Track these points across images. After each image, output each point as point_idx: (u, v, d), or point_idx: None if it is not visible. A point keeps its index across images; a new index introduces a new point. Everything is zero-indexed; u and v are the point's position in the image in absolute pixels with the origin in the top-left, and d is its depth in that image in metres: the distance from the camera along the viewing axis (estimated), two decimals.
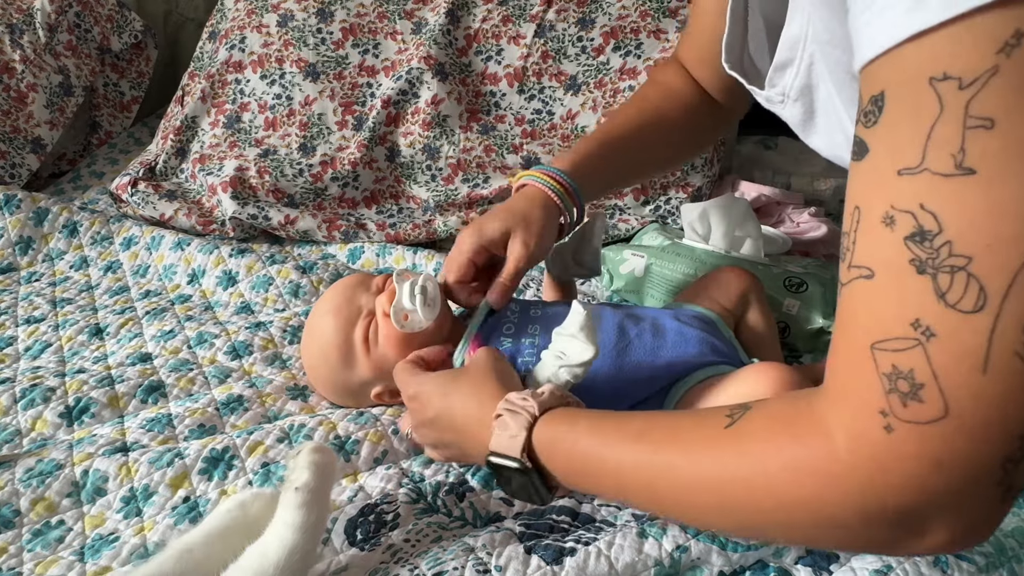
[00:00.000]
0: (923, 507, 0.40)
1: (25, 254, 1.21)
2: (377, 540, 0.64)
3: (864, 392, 0.40)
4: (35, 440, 0.77)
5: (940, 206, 0.36)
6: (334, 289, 0.84)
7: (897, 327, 0.38)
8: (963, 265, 0.36)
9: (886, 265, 0.39)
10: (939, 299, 0.37)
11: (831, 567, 0.62)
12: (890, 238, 0.38)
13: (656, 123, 0.88)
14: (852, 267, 0.41)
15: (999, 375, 0.36)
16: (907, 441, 0.39)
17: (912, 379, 0.38)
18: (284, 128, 1.36)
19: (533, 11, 1.36)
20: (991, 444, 0.38)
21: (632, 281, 1.03)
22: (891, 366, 0.39)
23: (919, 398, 0.38)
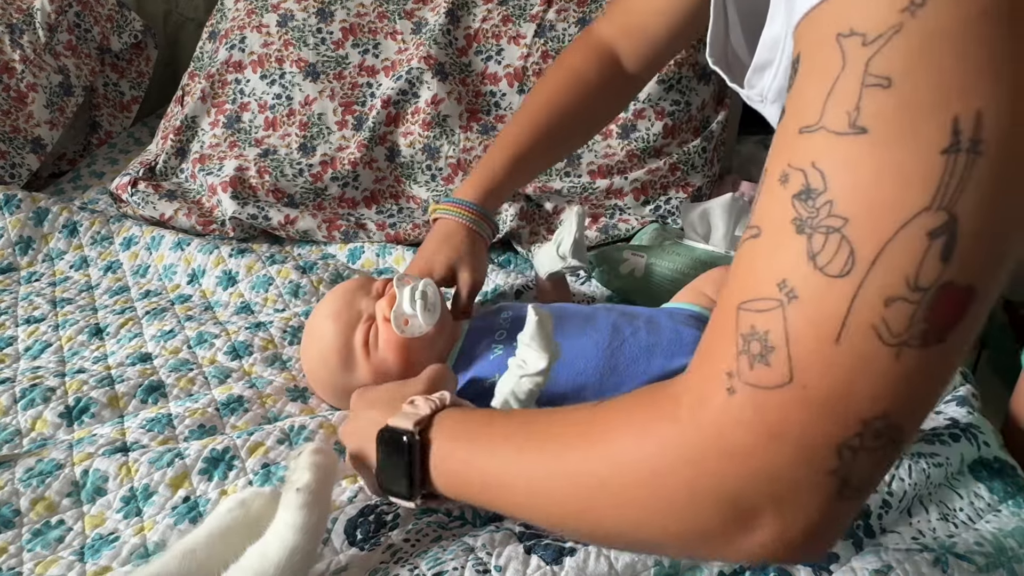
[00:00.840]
0: (752, 484, 0.38)
1: (25, 254, 1.21)
2: (377, 540, 0.64)
3: (719, 353, 0.38)
4: (35, 440, 0.77)
5: (829, 164, 0.35)
6: (334, 293, 0.84)
7: (764, 287, 0.37)
8: (839, 227, 0.34)
9: (771, 223, 0.37)
10: (809, 260, 0.35)
11: (831, 567, 0.62)
12: (781, 196, 0.37)
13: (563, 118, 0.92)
14: (748, 227, 0.39)
15: (851, 347, 0.34)
16: (745, 405, 0.37)
17: (765, 341, 0.36)
18: (284, 128, 1.36)
19: (533, 11, 1.36)
20: (830, 421, 0.35)
21: (632, 281, 1.03)
22: (750, 326, 0.37)
23: (767, 362, 0.36)
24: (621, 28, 0.91)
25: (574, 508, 0.45)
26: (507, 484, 0.50)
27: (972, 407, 0.82)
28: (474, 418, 0.57)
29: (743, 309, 0.37)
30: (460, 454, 0.54)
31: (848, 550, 0.64)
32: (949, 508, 0.70)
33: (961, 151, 0.32)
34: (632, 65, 0.92)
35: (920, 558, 0.61)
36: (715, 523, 0.39)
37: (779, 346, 0.36)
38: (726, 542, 0.40)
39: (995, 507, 0.71)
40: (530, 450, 0.48)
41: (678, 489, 0.39)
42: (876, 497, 0.66)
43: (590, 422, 0.45)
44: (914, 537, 0.66)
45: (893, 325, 0.34)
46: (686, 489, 0.39)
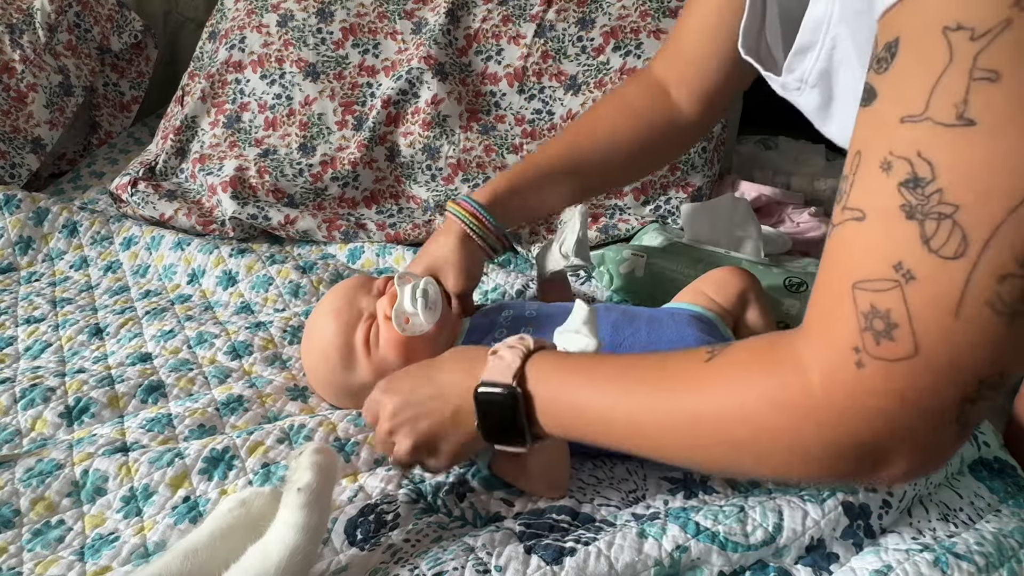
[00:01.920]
0: (887, 440, 0.42)
1: (25, 254, 1.21)
2: (377, 540, 0.64)
3: (841, 329, 0.42)
4: (35, 440, 0.77)
5: (937, 155, 0.37)
6: (335, 291, 0.84)
7: (880, 268, 0.40)
8: (950, 213, 0.37)
9: (878, 209, 0.40)
10: (923, 244, 0.38)
11: (831, 567, 0.62)
12: (885, 183, 0.39)
13: (607, 148, 0.88)
14: (846, 209, 0.42)
15: (969, 321, 0.38)
16: (876, 377, 0.41)
17: (888, 319, 0.40)
18: (284, 128, 1.36)
19: (533, 11, 1.36)
20: (954, 384, 0.40)
21: (632, 281, 1.03)
22: (869, 305, 0.40)
23: (892, 337, 0.40)
24: (673, 62, 0.88)
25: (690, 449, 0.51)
26: (617, 422, 0.54)
27: None
28: (571, 361, 0.60)
29: (859, 289, 0.41)
30: (565, 397, 0.57)
31: (848, 550, 0.64)
32: (949, 508, 0.70)
33: None
34: (688, 105, 0.88)
35: (920, 558, 0.61)
36: (849, 469, 0.44)
37: (902, 323, 0.39)
38: (856, 478, 0.46)
39: (995, 507, 0.71)
40: (640, 392, 0.53)
41: (814, 444, 0.44)
42: (876, 497, 0.66)
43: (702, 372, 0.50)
44: (914, 537, 0.66)
45: (1006, 298, 0.37)
46: (821, 445, 0.44)
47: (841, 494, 0.66)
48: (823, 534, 0.63)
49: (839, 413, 0.43)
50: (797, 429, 0.44)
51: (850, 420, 0.42)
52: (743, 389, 0.47)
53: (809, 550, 0.63)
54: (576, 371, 0.58)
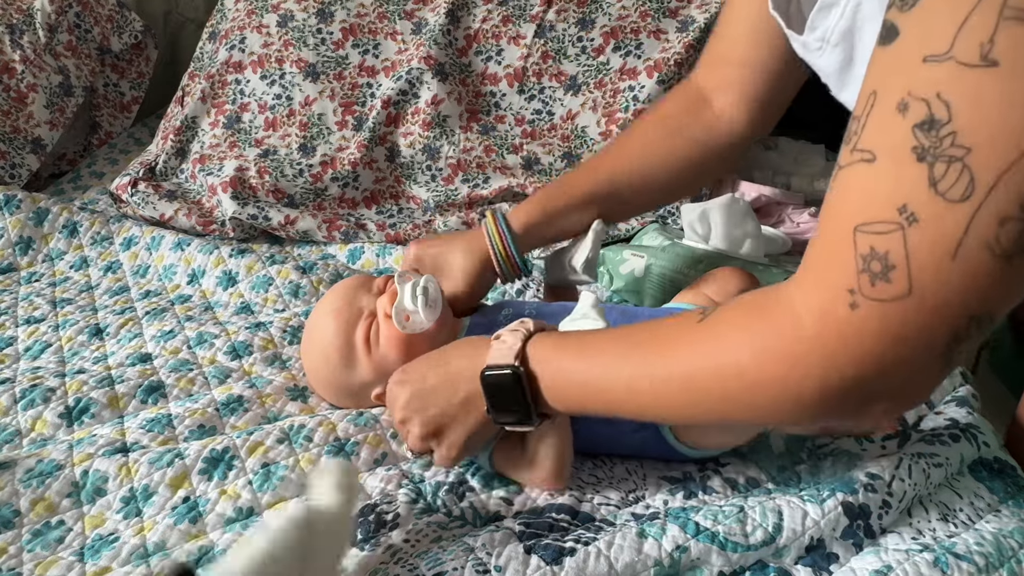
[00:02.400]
0: (875, 379, 0.43)
1: (25, 254, 1.21)
2: (377, 540, 0.64)
3: (838, 272, 0.42)
4: (35, 440, 0.77)
5: (956, 96, 0.37)
6: (335, 290, 0.84)
7: (884, 211, 0.40)
8: (961, 156, 0.37)
9: (889, 150, 0.40)
10: (930, 187, 0.38)
11: (831, 567, 0.62)
12: (900, 124, 0.39)
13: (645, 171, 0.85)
14: (855, 150, 0.42)
15: (966, 263, 0.39)
16: (870, 318, 0.41)
17: (886, 260, 0.40)
18: (284, 128, 1.36)
19: (533, 11, 1.36)
20: (945, 322, 0.41)
21: (632, 281, 1.03)
22: (869, 248, 0.41)
23: (888, 278, 0.40)
24: (716, 67, 0.85)
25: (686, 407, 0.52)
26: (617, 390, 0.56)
27: (972, 407, 0.82)
28: (569, 338, 0.62)
29: (861, 231, 0.41)
30: (566, 372, 0.59)
31: (848, 551, 0.64)
32: (949, 508, 0.70)
33: None
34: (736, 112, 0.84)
35: (920, 558, 0.61)
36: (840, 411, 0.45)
37: (899, 264, 0.40)
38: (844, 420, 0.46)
39: (995, 507, 0.71)
40: (636, 358, 0.54)
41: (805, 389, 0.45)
42: (876, 497, 0.66)
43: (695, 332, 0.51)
44: (914, 537, 0.66)
45: (1004, 240, 0.38)
46: (811, 389, 0.45)
47: (841, 494, 0.66)
48: (823, 534, 0.63)
49: (831, 355, 0.43)
50: (788, 376, 0.45)
51: (841, 362, 0.43)
52: (734, 344, 0.48)
53: (809, 550, 0.63)
54: (574, 347, 0.60)
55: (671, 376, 0.52)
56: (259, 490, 0.69)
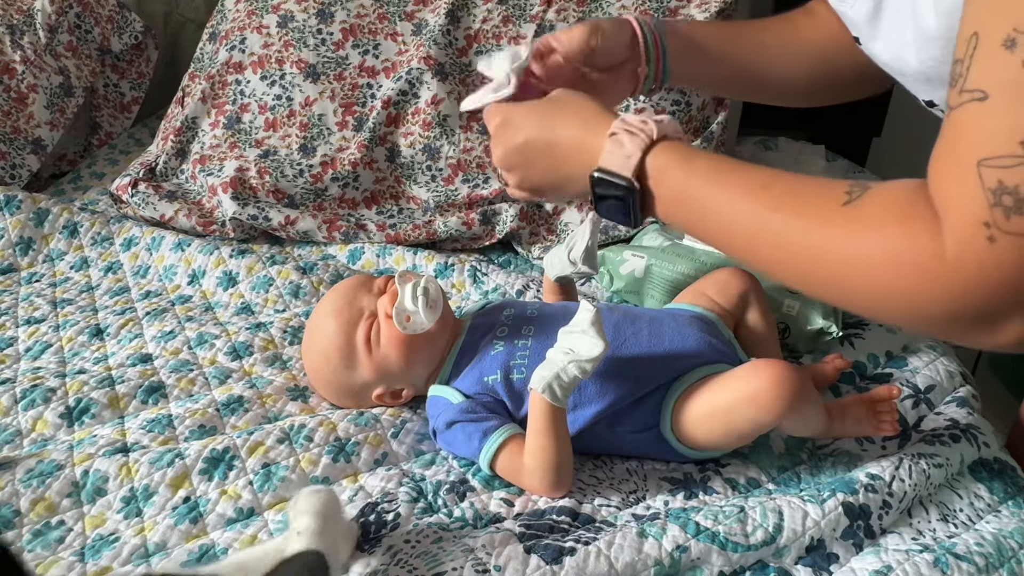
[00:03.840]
0: (1007, 310, 0.44)
1: (25, 255, 1.21)
2: (377, 540, 0.64)
3: (970, 205, 0.43)
4: (36, 441, 0.77)
5: None
6: (335, 291, 0.84)
7: (1007, 145, 0.40)
8: None
9: (1001, 86, 0.41)
10: None
11: (831, 567, 0.62)
12: (1009, 60, 0.40)
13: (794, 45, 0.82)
14: (964, 91, 0.42)
15: None
16: (1008, 250, 0.42)
17: (1017, 194, 0.41)
18: (284, 129, 1.36)
19: (533, 11, 1.36)
20: None
21: (632, 282, 1.03)
22: (997, 181, 0.41)
23: (1021, 212, 0.41)
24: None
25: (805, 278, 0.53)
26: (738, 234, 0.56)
27: (972, 408, 0.82)
28: (698, 163, 0.58)
29: (985, 166, 0.42)
30: (688, 200, 0.58)
31: (848, 551, 0.64)
32: (949, 509, 0.70)
33: None
34: None
35: (920, 559, 0.61)
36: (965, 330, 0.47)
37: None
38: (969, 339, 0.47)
39: (995, 508, 0.71)
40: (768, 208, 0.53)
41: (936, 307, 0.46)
42: (876, 497, 0.66)
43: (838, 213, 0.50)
44: (914, 538, 0.66)
45: None
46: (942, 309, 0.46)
47: (841, 494, 0.66)
48: (823, 534, 0.64)
49: (967, 283, 0.44)
50: (920, 290, 0.46)
51: (976, 291, 0.44)
52: (873, 243, 0.48)
53: (809, 550, 0.63)
54: (703, 169, 0.58)
55: (801, 246, 0.52)
56: (260, 490, 0.69)
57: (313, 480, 0.71)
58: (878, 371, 0.91)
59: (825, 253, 0.50)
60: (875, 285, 0.48)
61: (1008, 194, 0.41)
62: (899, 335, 0.95)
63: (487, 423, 0.72)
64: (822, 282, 0.52)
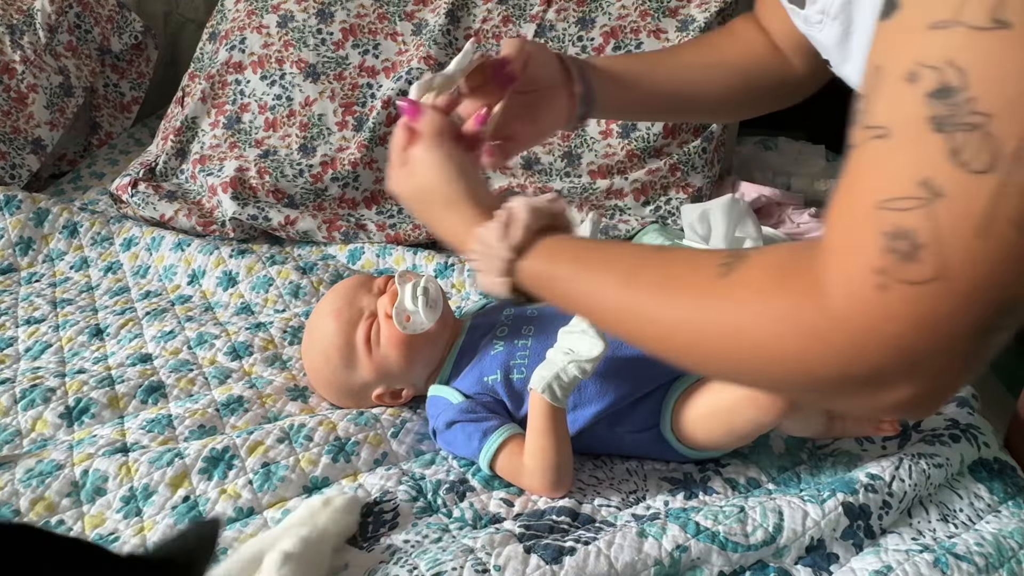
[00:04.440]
0: (900, 366, 0.40)
1: (25, 255, 1.21)
2: (376, 540, 0.64)
3: (862, 251, 0.40)
4: (35, 440, 0.77)
5: (969, 61, 0.35)
6: (335, 291, 0.84)
7: (906, 186, 0.37)
8: (981, 124, 0.35)
9: (904, 123, 0.38)
10: (952, 158, 0.36)
11: (831, 567, 0.62)
12: (911, 95, 0.37)
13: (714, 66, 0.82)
14: (867, 128, 0.40)
15: (995, 239, 0.36)
16: (898, 301, 0.39)
17: (913, 239, 0.37)
18: (284, 129, 1.36)
19: (533, 11, 1.36)
20: (975, 309, 0.38)
21: None
22: (893, 226, 0.38)
23: (916, 259, 0.37)
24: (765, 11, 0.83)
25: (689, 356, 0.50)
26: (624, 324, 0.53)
27: (972, 408, 0.82)
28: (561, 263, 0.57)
29: (883, 208, 0.38)
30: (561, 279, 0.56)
31: (848, 551, 0.64)
32: (949, 509, 0.70)
33: None
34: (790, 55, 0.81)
35: (920, 559, 0.61)
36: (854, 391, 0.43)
37: (928, 243, 0.37)
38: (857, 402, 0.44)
39: (995, 508, 0.71)
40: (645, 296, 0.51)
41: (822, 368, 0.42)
42: (876, 497, 0.66)
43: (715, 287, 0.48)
44: (914, 538, 0.66)
45: None
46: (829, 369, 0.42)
47: (841, 494, 0.66)
48: (823, 534, 0.63)
49: (855, 338, 0.41)
50: (806, 352, 0.43)
51: (865, 346, 0.41)
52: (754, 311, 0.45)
53: (809, 550, 0.63)
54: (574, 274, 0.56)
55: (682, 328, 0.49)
56: (259, 490, 0.69)
57: (313, 480, 0.71)
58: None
59: (706, 330, 0.48)
60: (762, 353, 0.45)
61: (903, 239, 0.37)
62: None
63: (487, 423, 0.72)
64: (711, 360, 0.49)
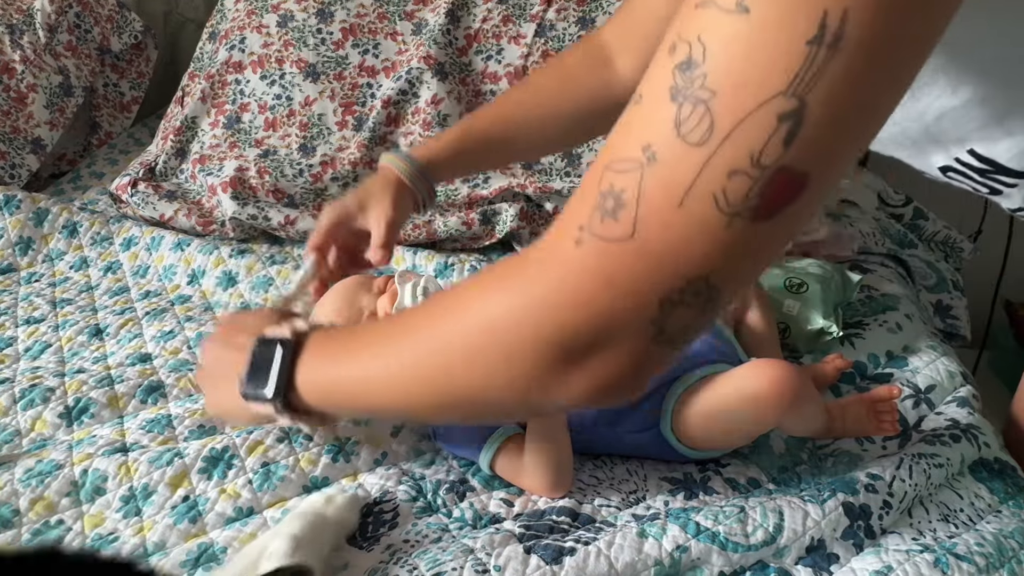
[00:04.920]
0: (587, 329, 0.41)
1: (25, 255, 1.20)
2: (376, 539, 0.64)
3: (576, 210, 0.41)
4: (35, 440, 0.77)
5: (712, 39, 0.37)
6: (336, 290, 0.84)
7: (631, 149, 0.39)
8: (706, 99, 0.36)
9: (651, 90, 0.39)
10: (675, 127, 0.37)
11: (831, 567, 0.62)
12: (666, 65, 0.38)
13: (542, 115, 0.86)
14: (633, 94, 0.41)
15: (691, 211, 0.37)
16: (589, 255, 0.40)
17: (619, 198, 0.39)
18: (284, 128, 1.36)
19: (533, 11, 1.36)
20: (660, 275, 0.39)
21: None
22: (609, 184, 0.39)
23: (615, 217, 0.39)
24: (622, 28, 0.87)
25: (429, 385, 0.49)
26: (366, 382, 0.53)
27: (972, 408, 0.82)
28: (340, 332, 0.59)
29: (608, 169, 0.40)
30: (325, 366, 0.57)
31: (848, 551, 0.64)
32: (949, 509, 0.70)
33: (823, 44, 0.34)
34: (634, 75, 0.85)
35: (920, 559, 0.61)
36: (551, 367, 0.43)
37: (629, 204, 0.38)
38: (558, 385, 0.43)
39: (995, 508, 0.71)
40: (386, 344, 0.51)
41: (522, 339, 0.43)
42: (877, 497, 0.66)
43: (441, 300, 0.49)
44: (914, 538, 0.66)
45: (731, 196, 0.37)
46: (530, 338, 0.42)
47: (842, 494, 0.66)
48: (823, 534, 0.63)
49: (547, 294, 0.41)
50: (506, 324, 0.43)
51: (556, 303, 0.41)
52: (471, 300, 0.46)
53: (809, 550, 0.63)
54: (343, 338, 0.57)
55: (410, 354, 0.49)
56: (259, 489, 0.69)
57: (313, 480, 0.71)
58: (878, 371, 0.90)
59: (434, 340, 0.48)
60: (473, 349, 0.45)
61: (612, 197, 0.39)
62: (900, 335, 0.95)
63: None
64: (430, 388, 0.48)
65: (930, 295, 1.22)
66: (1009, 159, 0.59)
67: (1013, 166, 0.59)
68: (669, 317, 0.40)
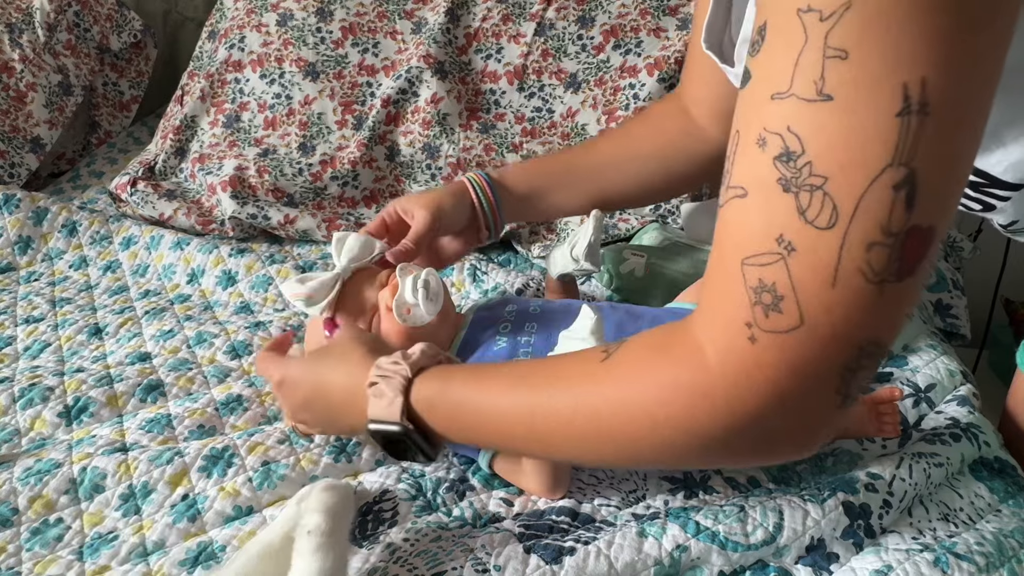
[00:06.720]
0: (778, 412, 0.43)
1: (24, 254, 1.20)
2: (376, 539, 0.64)
3: (733, 306, 0.43)
4: (34, 440, 0.77)
5: (803, 129, 0.39)
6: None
7: (764, 243, 0.41)
8: (820, 184, 0.39)
9: (757, 184, 0.41)
10: (800, 216, 0.40)
11: (831, 567, 0.62)
12: (762, 158, 0.41)
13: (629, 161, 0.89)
14: (729, 188, 0.43)
15: (845, 289, 0.40)
16: (768, 349, 0.42)
17: (775, 291, 0.41)
18: (284, 127, 1.36)
19: (533, 10, 1.36)
20: (836, 351, 0.42)
21: (632, 281, 1.03)
22: (757, 280, 0.42)
23: (779, 309, 0.41)
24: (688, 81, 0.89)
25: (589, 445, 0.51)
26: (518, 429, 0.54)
27: (972, 407, 0.82)
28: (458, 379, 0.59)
29: (747, 264, 0.42)
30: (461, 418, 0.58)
31: (848, 550, 0.64)
32: (949, 508, 0.70)
33: (912, 113, 0.37)
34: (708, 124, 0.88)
35: (920, 558, 0.61)
36: (745, 447, 0.46)
37: (787, 295, 0.41)
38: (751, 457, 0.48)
39: (995, 507, 0.71)
40: (537, 395, 0.53)
41: (711, 424, 0.45)
42: (877, 497, 0.66)
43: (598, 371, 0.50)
44: (914, 537, 0.66)
45: (875, 266, 0.39)
46: (718, 425, 0.45)
47: (842, 493, 0.66)
48: (823, 534, 0.63)
49: (734, 389, 0.44)
50: (694, 411, 0.45)
51: (746, 395, 0.43)
52: (639, 383, 0.48)
53: (809, 550, 0.63)
54: (464, 390, 0.58)
55: (573, 414, 0.51)
56: (259, 488, 0.69)
57: (313, 479, 0.71)
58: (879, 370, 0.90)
59: (596, 408, 0.50)
60: (654, 421, 0.47)
61: (767, 291, 0.41)
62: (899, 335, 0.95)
63: None
64: (605, 440, 0.50)
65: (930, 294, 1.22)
66: (1002, 171, 0.60)
67: (1007, 178, 0.60)
68: (851, 383, 0.43)
